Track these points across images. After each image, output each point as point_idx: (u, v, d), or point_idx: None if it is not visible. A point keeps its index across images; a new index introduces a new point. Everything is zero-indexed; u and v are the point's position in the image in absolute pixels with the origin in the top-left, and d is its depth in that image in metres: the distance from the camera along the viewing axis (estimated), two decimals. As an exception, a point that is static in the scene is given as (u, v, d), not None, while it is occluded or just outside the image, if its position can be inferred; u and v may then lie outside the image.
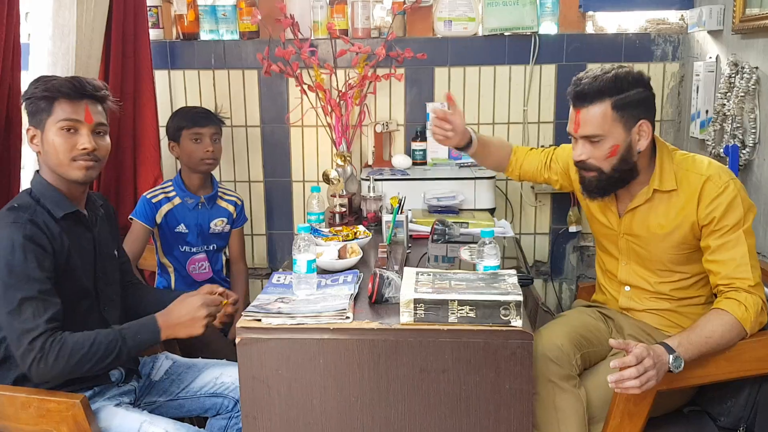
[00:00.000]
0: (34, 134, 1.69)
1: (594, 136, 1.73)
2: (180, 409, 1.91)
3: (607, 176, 1.77)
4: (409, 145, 2.99)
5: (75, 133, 1.68)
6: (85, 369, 1.59)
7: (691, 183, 1.75)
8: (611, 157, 1.74)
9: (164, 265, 2.52)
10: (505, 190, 3.04)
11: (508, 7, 2.90)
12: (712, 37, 2.60)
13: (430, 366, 1.50)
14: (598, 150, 1.74)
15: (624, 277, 1.92)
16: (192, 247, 2.50)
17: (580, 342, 1.81)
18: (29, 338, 1.53)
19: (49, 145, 1.67)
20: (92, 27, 2.27)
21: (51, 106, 1.66)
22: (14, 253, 1.54)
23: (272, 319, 1.55)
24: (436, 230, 2.09)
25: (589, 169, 1.79)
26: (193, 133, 2.45)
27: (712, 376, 1.66)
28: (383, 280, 1.65)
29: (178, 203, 2.45)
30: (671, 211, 1.77)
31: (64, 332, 1.57)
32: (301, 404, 1.55)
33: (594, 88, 1.71)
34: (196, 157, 2.44)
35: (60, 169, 1.68)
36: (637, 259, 1.89)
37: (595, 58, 2.91)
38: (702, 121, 2.58)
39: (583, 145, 1.76)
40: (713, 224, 1.70)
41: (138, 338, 1.65)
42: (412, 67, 2.93)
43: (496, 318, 1.47)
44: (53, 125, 1.66)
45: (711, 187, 1.71)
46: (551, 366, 1.72)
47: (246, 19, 2.93)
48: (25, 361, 1.53)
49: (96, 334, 1.60)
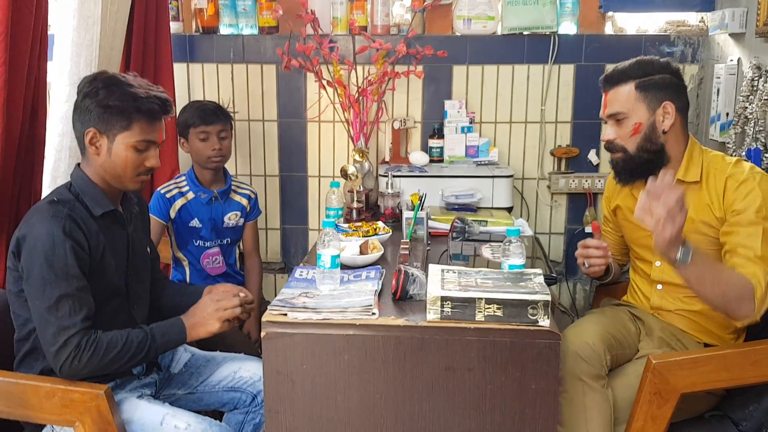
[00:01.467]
0: (96, 137, 1.66)
1: (617, 114, 1.83)
2: (199, 403, 1.91)
3: (632, 156, 1.83)
4: (426, 142, 2.98)
5: (145, 151, 1.69)
6: (114, 368, 1.61)
7: (717, 180, 1.79)
8: (635, 135, 1.82)
9: (179, 259, 2.53)
10: (521, 189, 3.03)
11: (528, 6, 2.89)
12: (733, 40, 2.59)
13: (456, 364, 1.50)
14: (622, 129, 1.84)
15: (657, 275, 1.93)
16: (206, 242, 2.50)
17: (610, 342, 1.80)
18: (66, 336, 1.53)
19: (117, 158, 1.66)
20: (116, 19, 2.27)
21: (130, 123, 1.65)
22: (54, 249, 1.54)
23: (298, 314, 1.55)
24: (455, 228, 2.09)
25: (616, 150, 1.87)
26: (200, 132, 2.43)
27: (736, 380, 1.65)
28: (408, 277, 1.65)
29: (192, 198, 2.45)
30: (699, 205, 1.80)
31: (98, 331, 1.58)
32: (325, 400, 1.55)
33: (619, 71, 1.86)
34: (204, 156, 2.44)
35: (120, 179, 1.69)
36: None
37: (614, 58, 2.85)
38: (722, 123, 2.57)
39: (611, 126, 1.86)
40: (731, 213, 1.74)
41: (166, 338, 1.67)
42: (430, 64, 2.92)
43: (524, 317, 1.47)
44: (126, 140, 1.66)
45: (731, 182, 1.76)
46: (582, 364, 1.71)
47: (266, 14, 2.93)
48: (59, 358, 1.53)
49: (128, 334, 1.61)
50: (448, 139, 2.94)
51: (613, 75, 1.86)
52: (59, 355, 1.53)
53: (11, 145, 1.82)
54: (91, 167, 1.70)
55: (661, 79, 1.82)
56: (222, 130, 2.47)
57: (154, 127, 1.69)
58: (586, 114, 2.96)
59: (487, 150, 2.95)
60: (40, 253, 1.54)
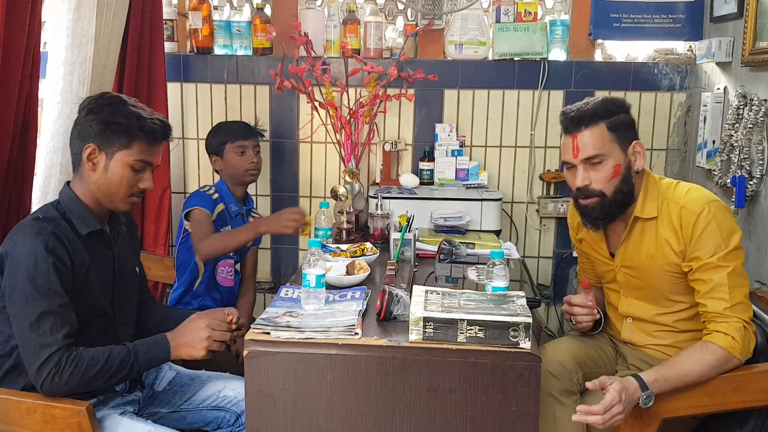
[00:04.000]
0: (94, 153, 1.67)
1: (595, 157, 1.74)
2: (182, 421, 1.90)
3: (609, 201, 1.77)
4: (417, 164, 3.01)
5: (141, 172, 1.70)
6: (96, 385, 1.60)
7: (672, 211, 1.76)
8: (614, 179, 1.75)
9: (196, 264, 2.52)
10: (510, 213, 3.05)
11: (518, 32, 2.93)
12: (720, 69, 2.63)
13: (438, 385, 1.50)
14: (599, 172, 1.75)
15: (625, 309, 1.92)
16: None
17: (584, 361, 1.82)
18: (47, 353, 1.52)
19: (113, 175, 1.67)
20: (109, 38, 2.30)
21: (131, 141, 1.67)
22: (37, 266, 1.54)
23: (281, 333, 1.55)
24: (443, 250, 2.11)
25: (590, 196, 1.77)
26: (237, 146, 2.50)
27: (718, 406, 1.66)
28: (392, 297, 1.66)
29: (223, 208, 2.49)
30: (659, 240, 1.78)
31: (80, 348, 1.57)
32: (307, 420, 1.55)
33: (588, 112, 1.75)
34: (241, 169, 2.50)
35: (112, 198, 1.70)
36: (636, 292, 1.88)
37: (603, 85, 2.94)
38: (709, 151, 2.60)
39: (584, 170, 1.76)
40: (690, 255, 1.72)
41: (149, 356, 1.66)
42: (422, 88, 2.96)
43: (505, 339, 1.48)
44: (125, 159, 1.67)
45: (686, 214, 1.73)
46: (551, 380, 1.74)
47: (260, 36, 2.96)
48: (40, 375, 1.53)
49: (110, 352, 1.60)
50: (438, 161, 2.96)
51: (582, 116, 1.75)
52: (40, 372, 1.53)
53: (1, 160, 1.83)
54: (83, 185, 1.70)
55: (624, 117, 1.78)
56: (256, 145, 2.56)
57: (153, 148, 1.71)
58: (575, 139, 2.99)
59: (477, 173, 2.97)
60: (23, 269, 1.54)
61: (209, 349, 1.68)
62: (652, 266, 1.80)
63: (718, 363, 1.63)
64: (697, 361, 1.63)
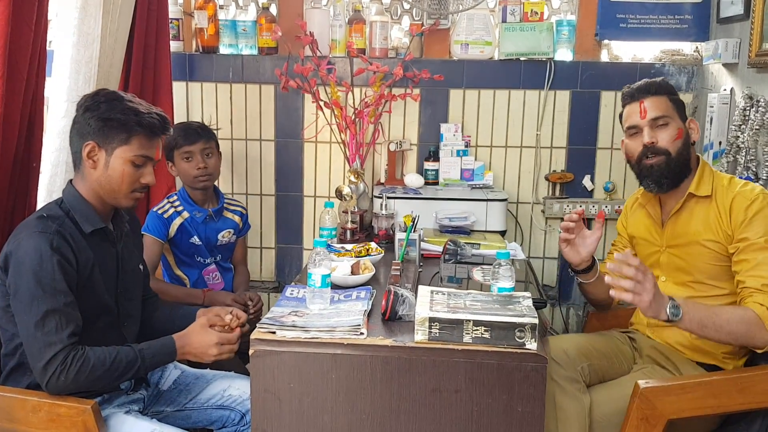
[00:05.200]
0: (94, 151, 1.67)
1: (661, 118, 1.86)
2: (187, 420, 1.90)
3: (674, 161, 1.86)
4: (422, 164, 3.00)
5: (141, 167, 1.70)
6: (101, 384, 1.61)
7: (725, 197, 1.82)
8: (677, 140, 1.86)
9: (179, 277, 2.51)
10: (515, 213, 3.05)
11: (524, 32, 2.93)
12: (726, 70, 2.62)
13: (443, 386, 1.50)
14: (665, 132, 1.87)
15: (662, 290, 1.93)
16: (205, 259, 2.51)
17: (590, 352, 1.85)
18: (52, 352, 1.53)
19: (113, 171, 1.67)
20: (115, 37, 2.30)
21: (130, 137, 1.67)
22: (42, 264, 1.54)
23: (286, 332, 1.55)
24: (448, 250, 2.11)
25: (657, 154, 1.86)
26: (183, 152, 2.42)
27: (724, 407, 1.66)
28: (397, 297, 1.66)
29: (188, 217, 2.45)
30: (709, 219, 1.84)
31: (85, 347, 1.58)
32: (312, 419, 1.55)
33: (653, 83, 1.91)
34: (190, 175, 2.42)
35: (114, 195, 1.70)
36: (676, 275, 1.92)
37: (609, 86, 2.93)
38: (715, 152, 2.59)
39: (651, 130, 1.87)
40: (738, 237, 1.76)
41: (156, 359, 1.67)
42: (427, 87, 2.95)
43: (511, 340, 1.48)
44: (125, 154, 1.67)
45: (740, 200, 1.79)
46: (554, 366, 1.76)
47: (265, 35, 2.96)
48: (46, 374, 1.53)
49: (116, 353, 1.61)
50: (443, 162, 2.96)
51: (650, 86, 1.90)
52: (45, 371, 1.53)
53: (7, 159, 1.83)
54: (86, 183, 1.70)
55: (681, 100, 1.94)
56: (206, 148, 2.44)
57: (152, 143, 1.71)
58: (581, 140, 2.99)
59: (482, 174, 2.96)
60: (28, 268, 1.54)
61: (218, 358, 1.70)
62: (697, 244, 1.85)
63: (748, 321, 1.64)
64: (728, 309, 1.70)
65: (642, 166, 1.90)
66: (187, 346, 1.70)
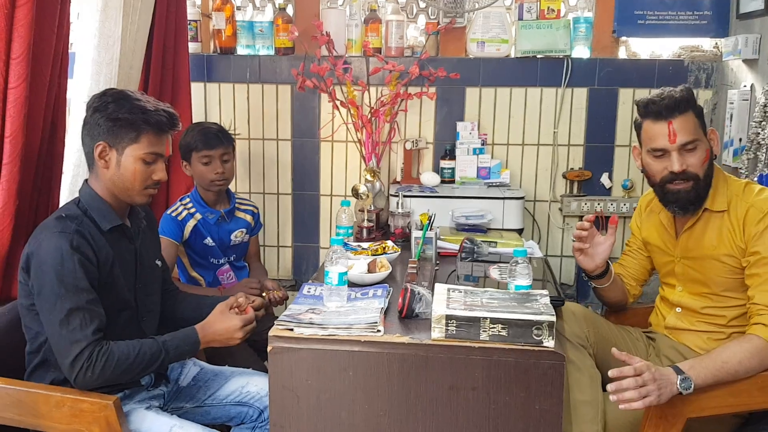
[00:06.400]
0: (105, 150, 1.69)
1: (691, 142, 1.78)
2: (206, 416, 1.92)
3: (701, 185, 1.80)
4: (438, 162, 3.01)
5: (153, 164, 1.72)
6: (127, 377, 1.65)
7: (739, 208, 1.79)
8: (705, 163, 1.80)
9: (194, 278, 2.53)
10: (533, 211, 3.04)
11: (541, 30, 2.92)
12: (747, 66, 2.60)
13: (460, 383, 1.51)
14: (694, 157, 1.79)
15: (677, 299, 1.95)
16: (219, 259, 2.53)
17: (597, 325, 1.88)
18: (78, 349, 1.56)
19: (125, 170, 1.70)
20: (135, 38, 2.33)
21: (139, 135, 1.69)
22: (63, 263, 1.57)
23: (304, 329, 1.57)
24: (464, 248, 2.11)
25: (688, 179, 1.79)
26: (202, 156, 2.41)
27: (744, 406, 1.65)
28: (414, 295, 1.66)
29: (200, 218, 2.46)
30: (723, 233, 1.81)
31: (110, 342, 1.61)
32: (329, 416, 1.56)
33: (681, 99, 1.79)
34: (207, 179, 2.43)
35: (128, 192, 1.72)
36: (692, 285, 1.91)
37: (627, 83, 2.92)
38: (735, 149, 2.57)
39: (680, 155, 1.78)
40: (751, 250, 1.74)
41: (179, 350, 1.70)
42: (443, 86, 2.96)
43: (528, 338, 1.48)
44: (135, 152, 1.69)
45: (753, 212, 1.75)
46: (564, 325, 1.79)
47: (282, 35, 2.98)
48: (73, 370, 1.56)
49: (140, 346, 1.64)
50: (459, 160, 2.96)
51: (678, 103, 1.78)
52: (73, 367, 1.56)
53: (30, 159, 1.86)
54: (100, 182, 1.73)
55: (701, 107, 1.85)
56: (224, 153, 2.45)
57: (161, 139, 1.73)
58: (599, 137, 2.98)
59: (499, 172, 2.96)
60: (50, 268, 1.57)
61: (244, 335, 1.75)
62: (712, 258, 1.82)
63: (758, 352, 1.62)
64: (735, 350, 1.64)
65: (667, 191, 1.83)
66: (210, 335, 1.73)
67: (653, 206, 2.02)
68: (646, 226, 2.05)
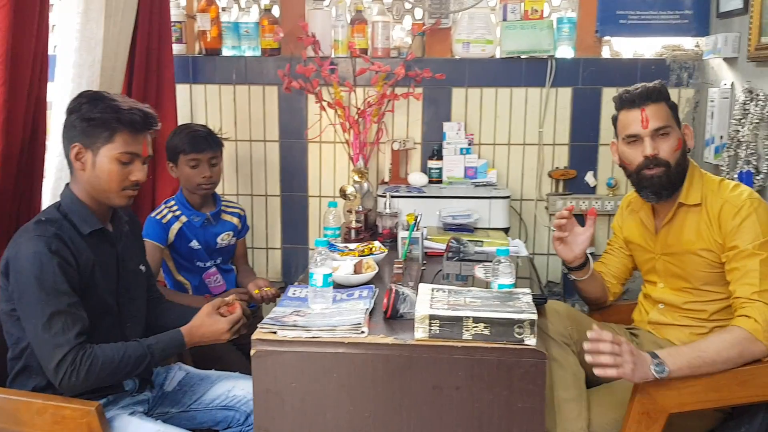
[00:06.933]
0: (81, 152, 1.68)
1: (663, 128, 1.84)
2: (192, 421, 1.91)
3: (673, 171, 1.85)
4: (426, 163, 3.01)
5: (129, 164, 1.70)
6: (113, 380, 1.66)
7: (714, 205, 1.81)
8: (677, 151, 1.85)
9: (180, 282, 2.51)
10: (519, 210, 3.05)
11: (525, 30, 2.93)
12: (727, 64, 2.62)
13: (444, 382, 1.51)
14: (666, 143, 1.84)
15: (659, 295, 1.98)
16: (205, 262, 2.52)
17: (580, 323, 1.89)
18: (61, 353, 1.55)
19: (101, 171, 1.68)
20: (118, 41, 2.32)
21: (112, 134, 1.67)
22: (43, 267, 1.56)
23: (288, 332, 1.57)
24: (451, 248, 2.11)
25: (658, 165, 1.84)
26: (190, 159, 2.38)
27: (725, 400, 1.66)
28: (399, 296, 1.67)
29: (186, 221, 2.44)
30: (700, 228, 1.83)
31: (94, 346, 1.60)
32: (314, 418, 1.56)
33: (654, 90, 1.86)
34: (194, 183, 2.41)
35: (106, 194, 1.71)
36: (673, 281, 1.93)
37: (610, 82, 2.93)
38: (716, 146, 2.59)
39: (653, 140, 1.84)
40: (729, 245, 1.76)
41: (165, 353, 1.71)
42: (430, 86, 2.96)
43: (511, 336, 1.48)
44: (110, 153, 1.67)
45: (728, 208, 1.78)
46: (547, 323, 1.81)
47: (268, 36, 2.98)
48: (58, 375, 1.55)
49: (125, 349, 1.64)
50: (447, 160, 2.96)
51: (648, 92, 1.85)
52: (57, 372, 1.55)
53: (11, 164, 1.84)
54: (79, 185, 1.72)
55: (675, 104, 1.91)
56: (213, 157, 2.43)
57: (136, 139, 1.70)
58: (583, 137, 2.99)
59: (486, 171, 2.97)
60: (29, 272, 1.56)
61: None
62: (690, 253, 1.85)
63: (737, 342, 1.63)
64: (714, 340, 1.67)
65: (641, 176, 1.87)
66: (197, 337, 1.74)
67: (634, 205, 2.05)
68: (628, 225, 2.07)
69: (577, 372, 1.80)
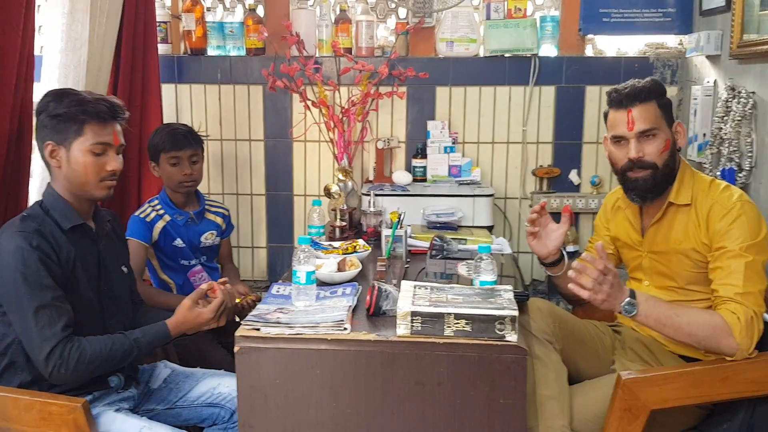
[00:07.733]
0: (55, 149, 1.69)
1: (649, 130, 1.82)
2: (177, 418, 1.92)
3: (660, 173, 1.84)
4: (410, 161, 3.03)
5: (103, 155, 1.71)
6: (102, 372, 1.69)
7: (704, 206, 1.81)
8: (664, 152, 1.83)
9: (164, 281, 2.51)
10: (503, 209, 3.07)
11: (509, 29, 2.95)
12: (710, 62, 2.65)
13: (426, 379, 1.53)
14: (652, 145, 1.82)
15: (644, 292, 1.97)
16: (189, 260, 2.52)
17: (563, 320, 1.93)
18: (49, 346, 1.57)
19: (76, 165, 1.69)
20: (103, 41, 2.32)
21: (81, 127, 1.68)
22: (25, 262, 1.58)
23: (271, 329, 1.58)
24: (434, 246, 2.13)
25: (644, 167, 1.83)
26: (170, 157, 2.40)
27: (707, 397, 1.68)
28: (381, 293, 1.68)
29: (169, 220, 2.44)
30: (689, 228, 1.84)
31: (81, 339, 1.62)
32: (298, 414, 1.57)
33: (643, 89, 1.83)
34: (175, 180, 2.42)
35: (85, 187, 1.72)
36: (658, 279, 1.94)
37: (594, 80, 2.96)
38: (699, 144, 2.61)
39: (638, 142, 1.83)
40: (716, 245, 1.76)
41: (151, 346, 1.76)
42: (414, 85, 2.98)
43: (492, 332, 1.50)
44: (82, 146, 1.69)
45: (717, 209, 1.78)
46: (530, 321, 1.84)
47: (252, 36, 2.99)
48: (48, 368, 1.58)
49: (112, 342, 1.67)
50: (431, 158, 2.98)
51: (637, 92, 1.82)
52: (47, 365, 1.58)
53: (-4, 164, 1.85)
54: (58, 182, 1.73)
55: (668, 100, 1.89)
56: (193, 155, 2.45)
57: (105, 129, 1.71)
58: (567, 135, 3.02)
59: (470, 170, 2.99)
60: (13, 268, 1.58)
61: None
62: (678, 252, 1.86)
63: (712, 327, 1.64)
64: (693, 312, 1.70)
65: (626, 178, 1.87)
66: (183, 329, 1.79)
67: (620, 203, 2.05)
68: (614, 223, 2.07)
69: (559, 369, 1.81)
